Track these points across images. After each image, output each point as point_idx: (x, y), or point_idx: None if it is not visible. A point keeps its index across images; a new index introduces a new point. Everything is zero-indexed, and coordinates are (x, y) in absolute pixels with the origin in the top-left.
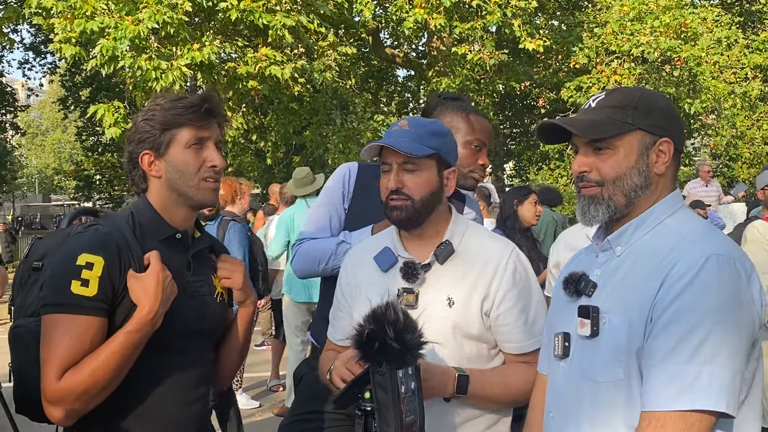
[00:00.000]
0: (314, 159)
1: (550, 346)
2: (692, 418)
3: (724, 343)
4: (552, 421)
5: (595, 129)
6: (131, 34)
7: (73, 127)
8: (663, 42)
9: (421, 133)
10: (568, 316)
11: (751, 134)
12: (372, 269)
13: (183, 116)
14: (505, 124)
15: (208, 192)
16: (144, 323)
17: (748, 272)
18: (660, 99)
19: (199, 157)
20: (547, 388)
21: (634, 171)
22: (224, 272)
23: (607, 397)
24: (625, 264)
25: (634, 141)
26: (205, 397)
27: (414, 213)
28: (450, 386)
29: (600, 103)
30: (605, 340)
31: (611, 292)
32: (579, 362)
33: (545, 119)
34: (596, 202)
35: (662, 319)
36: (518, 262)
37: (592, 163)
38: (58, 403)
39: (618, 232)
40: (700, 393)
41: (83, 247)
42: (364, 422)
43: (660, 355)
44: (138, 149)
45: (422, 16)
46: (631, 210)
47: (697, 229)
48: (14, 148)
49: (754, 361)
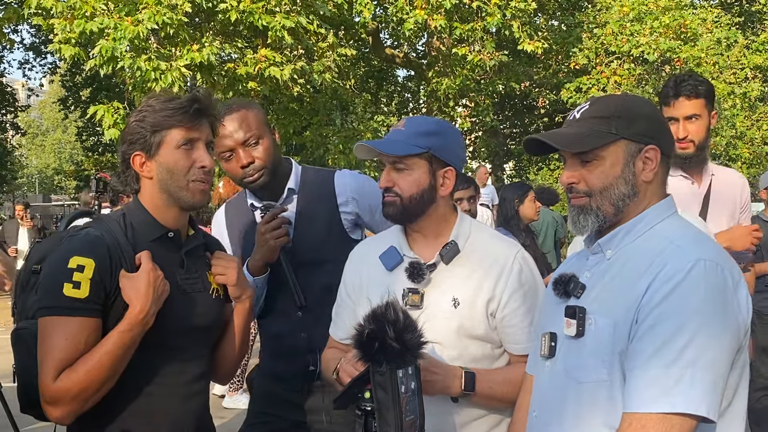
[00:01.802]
0: (314, 159)
1: (537, 346)
2: (673, 420)
3: (707, 347)
4: (535, 420)
5: (579, 143)
6: (131, 34)
7: (74, 127)
8: (663, 43)
9: (413, 133)
10: (556, 316)
11: (750, 134)
12: (377, 268)
13: (173, 117)
14: (505, 124)
15: (197, 193)
16: (135, 323)
17: (735, 279)
18: (644, 106)
19: (189, 158)
20: (533, 387)
21: (621, 180)
22: (218, 269)
23: (589, 398)
24: (614, 267)
25: (620, 151)
26: (203, 393)
27: (403, 210)
28: (457, 384)
29: (584, 114)
30: (590, 341)
31: (599, 294)
32: (564, 362)
33: (529, 135)
34: (585, 212)
35: (647, 321)
36: (524, 262)
37: (579, 175)
38: (56, 402)
39: (609, 236)
40: (681, 396)
41: (74, 250)
42: (364, 422)
43: (643, 357)
44: (130, 150)
45: (422, 17)
46: (620, 218)
47: (686, 235)
48: (14, 148)
49: (739, 368)
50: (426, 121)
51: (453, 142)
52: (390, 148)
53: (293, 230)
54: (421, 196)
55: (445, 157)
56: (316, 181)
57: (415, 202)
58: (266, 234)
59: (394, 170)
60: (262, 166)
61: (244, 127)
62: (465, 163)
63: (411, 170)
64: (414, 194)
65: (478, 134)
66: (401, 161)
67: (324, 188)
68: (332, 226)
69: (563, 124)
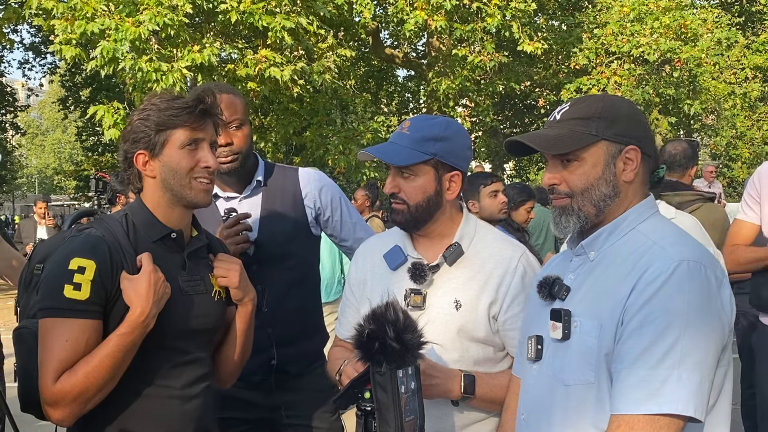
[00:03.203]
0: (314, 159)
1: (524, 349)
2: (660, 421)
3: (692, 348)
4: (523, 423)
5: (558, 144)
6: (132, 35)
7: (73, 127)
8: (663, 43)
9: (418, 138)
10: (542, 319)
11: (750, 135)
12: (381, 267)
13: (178, 117)
14: (505, 124)
15: (200, 192)
16: (136, 325)
17: (719, 278)
18: (625, 106)
19: (193, 158)
20: (520, 390)
21: (602, 181)
22: (220, 271)
23: (577, 400)
24: (598, 268)
25: (600, 151)
26: (203, 395)
27: (410, 217)
28: (456, 387)
29: (564, 116)
30: (576, 343)
31: (584, 296)
32: (551, 365)
33: (511, 137)
34: (567, 213)
35: (632, 323)
36: (528, 265)
37: (560, 176)
38: (56, 404)
39: (592, 237)
40: (668, 397)
41: (75, 252)
42: (364, 422)
43: (629, 359)
44: (133, 149)
45: (422, 18)
46: (602, 218)
47: (669, 235)
48: (14, 148)
49: (724, 367)
50: (432, 123)
51: (459, 146)
52: (394, 157)
53: (258, 224)
54: (427, 202)
55: (451, 162)
56: (281, 176)
57: (422, 209)
58: (227, 239)
59: (399, 175)
60: (238, 150)
61: (230, 110)
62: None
63: (416, 176)
64: (420, 201)
65: (478, 134)
66: (407, 168)
67: (289, 183)
68: (297, 221)
69: (543, 125)
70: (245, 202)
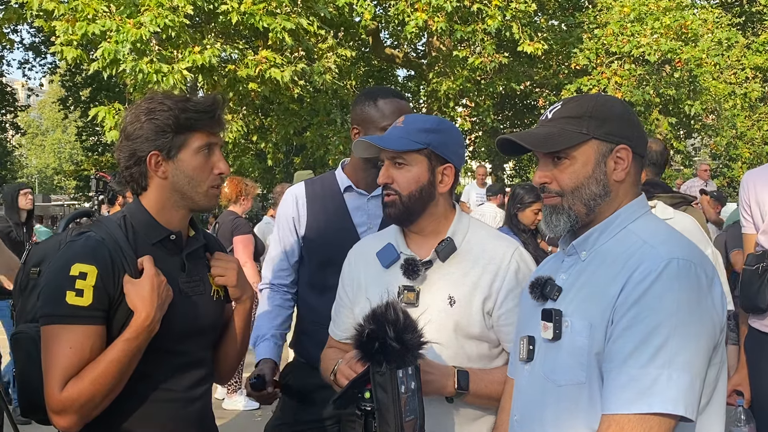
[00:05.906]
0: (315, 160)
1: (516, 349)
2: (651, 421)
3: (683, 347)
4: (516, 424)
5: (549, 142)
6: (133, 37)
7: (73, 127)
8: (663, 43)
9: (412, 129)
10: (534, 320)
11: (751, 135)
12: (374, 265)
13: (199, 121)
14: (505, 124)
15: (213, 198)
16: (141, 330)
17: (709, 277)
18: (616, 105)
19: (208, 164)
20: (513, 391)
21: (592, 180)
22: (218, 270)
23: (568, 400)
24: (589, 268)
25: (591, 150)
26: (205, 396)
27: (403, 208)
28: (450, 383)
29: (556, 114)
30: (567, 343)
31: (574, 296)
32: (542, 365)
33: (502, 135)
34: (557, 212)
35: (622, 322)
36: (521, 261)
37: (551, 175)
38: (63, 412)
39: (583, 237)
40: (659, 396)
41: (76, 257)
42: (364, 422)
43: (620, 358)
44: (145, 148)
45: (423, 19)
46: (593, 217)
47: (659, 234)
48: (14, 148)
49: (716, 365)
50: (425, 118)
51: (452, 140)
52: (389, 143)
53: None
54: (420, 192)
55: (444, 154)
56: None
57: (415, 199)
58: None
59: (392, 166)
60: None
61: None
62: (464, 162)
63: (410, 166)
64: (413, 191)
65: (478, 134)
66: (400, 156)
67: None
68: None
69: (535, 124)
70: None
